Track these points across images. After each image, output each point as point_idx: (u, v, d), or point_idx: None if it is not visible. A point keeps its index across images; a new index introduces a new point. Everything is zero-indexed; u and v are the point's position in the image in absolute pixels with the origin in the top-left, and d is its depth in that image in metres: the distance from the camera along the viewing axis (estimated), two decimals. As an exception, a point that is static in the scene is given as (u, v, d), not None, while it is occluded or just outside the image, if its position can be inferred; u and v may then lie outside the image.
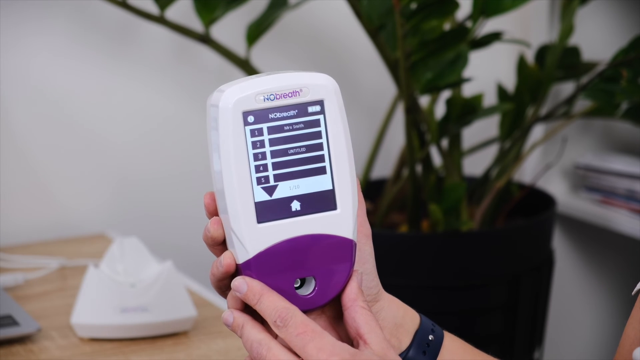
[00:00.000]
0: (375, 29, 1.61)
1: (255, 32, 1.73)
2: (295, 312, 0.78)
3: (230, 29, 1.82)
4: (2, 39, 1.73)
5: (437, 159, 1.91)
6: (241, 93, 0.78)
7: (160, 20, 1.67)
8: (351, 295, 0.81)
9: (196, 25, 1.73)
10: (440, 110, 1.85)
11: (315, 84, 0.80)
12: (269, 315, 0.78)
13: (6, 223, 1.76)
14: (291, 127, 0.79)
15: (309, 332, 0.77)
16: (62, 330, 1.34)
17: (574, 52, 1.84)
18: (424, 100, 1.91)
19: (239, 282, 0.79)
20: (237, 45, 1.79)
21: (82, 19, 1.78)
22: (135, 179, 1.86)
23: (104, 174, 1.83)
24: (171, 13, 1.73)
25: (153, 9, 1.70)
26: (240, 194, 0.78)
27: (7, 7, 1.73)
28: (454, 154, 1.77)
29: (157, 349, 1.28)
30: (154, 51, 1.85)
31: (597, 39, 2.05)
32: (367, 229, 0.84)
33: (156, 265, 1.35)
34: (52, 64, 1.77)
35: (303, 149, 0.79)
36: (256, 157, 0.78)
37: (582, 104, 1.91)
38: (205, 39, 1.70)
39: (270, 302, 0.78)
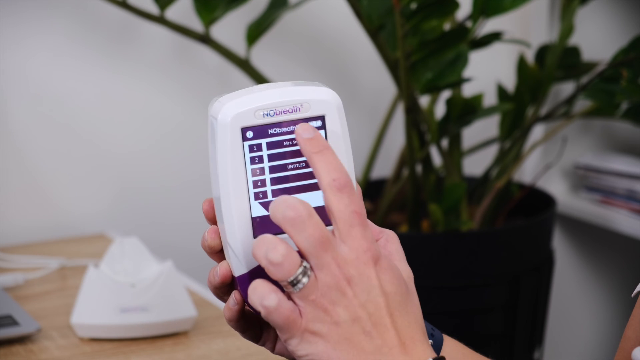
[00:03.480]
0: (375, 29, 1.61)
1: (255, 32, 1.73)
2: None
3: (230, 29, 1.82)
4: (2, 39, 1.73)
5: (437, 159, 1.91)
6: (240, 108, 0.76)
7: (160, 20, 1.67)
8: None
9: (196, 25, 1.73)
10: (440, 110, 1.85)
11: (317, 100, 0.77)
12: (328, 171, 0.74)
13: (6, 223, 1.76)
14: (291, 143, 0.77)
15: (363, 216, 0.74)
16: (62, 330, 1.34)
17: (574, 52, 1.84)
18: (424, 100, 1.91)
19: (305, 127, 0.76)
20: (237, 45, 1.79)
21: (82, 19, 1.78)
22: (136, 179, 1.86)
23: (104, 174, 1.83)
24: (171, 13, 1.73)
25: (153, 9, 1.70)
26: (237, 209, 0.76)
27: (7, 7, 1.73)
28: (454, 154, 1.77)
29: (157, 349, 1.28)
30: (154, 51, 1.85)
31: (597, 39, 2.05)
32: None
33: (156, 265, 1.35)
34: (52, 64, 1.77)
35: (302, 164, 0.77)
36: (254, 172, 0.76)
37: (582, 104, 1.91)
38: (205, 39, 1.70)
39: (335, 158, 0.74)
